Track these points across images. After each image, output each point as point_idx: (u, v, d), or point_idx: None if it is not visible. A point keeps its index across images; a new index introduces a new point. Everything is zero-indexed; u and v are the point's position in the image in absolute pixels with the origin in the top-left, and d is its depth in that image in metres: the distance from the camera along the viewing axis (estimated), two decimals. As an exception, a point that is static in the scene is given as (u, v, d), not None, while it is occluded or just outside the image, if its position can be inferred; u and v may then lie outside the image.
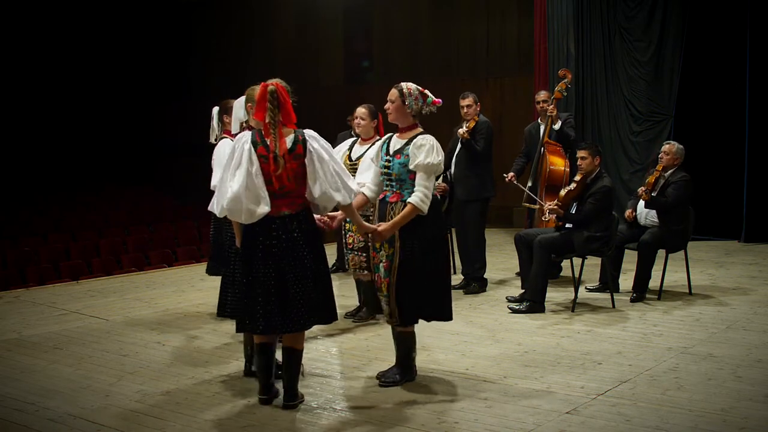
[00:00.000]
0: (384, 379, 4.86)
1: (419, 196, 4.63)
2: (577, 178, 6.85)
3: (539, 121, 8.20)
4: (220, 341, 5.97)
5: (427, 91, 4.81)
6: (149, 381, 5.02)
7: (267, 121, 4.36)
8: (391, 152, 4.80)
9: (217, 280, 7.24)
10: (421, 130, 4.80)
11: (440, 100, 4.82)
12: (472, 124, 7.33)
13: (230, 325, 6.35)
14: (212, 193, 4.75)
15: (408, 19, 14.20)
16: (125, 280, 8.74)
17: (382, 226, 4.67)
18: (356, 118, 6.43)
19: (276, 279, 4.34)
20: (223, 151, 5.45)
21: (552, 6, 10.70)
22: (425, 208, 4.64)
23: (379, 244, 4.74)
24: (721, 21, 9.98)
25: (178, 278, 8.70)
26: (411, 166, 4.67)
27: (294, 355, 4.50)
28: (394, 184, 4.78)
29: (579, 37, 10.61)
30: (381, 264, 4.77)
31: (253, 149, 4.35)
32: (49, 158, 17.53)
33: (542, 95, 8.25)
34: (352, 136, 7.50)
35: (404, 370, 4.88)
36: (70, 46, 17.65)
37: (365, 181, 5.90)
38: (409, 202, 4.64)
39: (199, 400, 4.66)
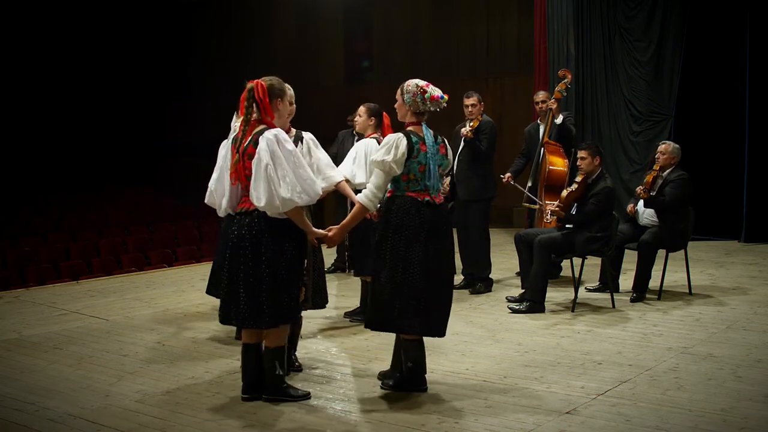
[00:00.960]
0: (384, 381, 4.82)
1: (365, 193, 4.56)
2: (578, 178, 6.85)
3: (539, 121, 8.20)
4: (220, 341, 5.97)
5: (429, 87, 4.62)
6: (149, 381, 5.02)
7: (242, 118, 4.46)
8: None
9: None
10: (411, 129, 4.62)
11: (439, 95, 4.60)
12: (476, 123, 7.32)
13: (229, 326, 6.36)
14: None
15: (408, 19, 14.20)
16: (125, 280, 8.74)
17: (333, 231, 4.64)
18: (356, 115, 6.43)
19: (228, 272, 4.44)
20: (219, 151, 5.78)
21: (552, 6, 10.70)
22: (371, 205, 4.55)
23: None
24: (721, 21, 9.98)
25: (178, 278, 8.70)
26: None
27: (267, 352, 4.52)
28: None
29: (579, 37, 10.60)
30: None
31: (230, 146, 4.51)
32: (49, 158, 17.54)
33: (540, 96, 8.25)
34: (353, 135, 7.53)
35: (403, 379, 4.70)
36: (70, 46, 17.66)
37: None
38: (356, 201, 4.61)
39: (199, 400, 4.66)
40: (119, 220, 13.27)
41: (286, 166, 4.28)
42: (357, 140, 7.38)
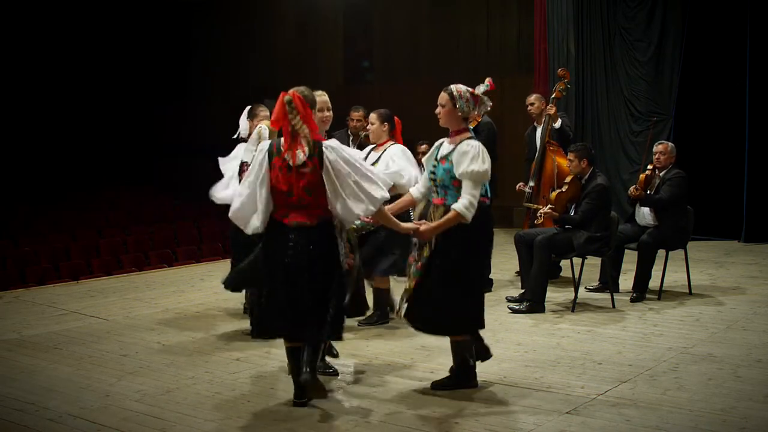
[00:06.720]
0: (436, 384, 4.78)
1: (464, 203, 4.47)
2: (567, 179, 6.87)
3: (535, 124, 8.14)
4: (221, 341, 5.97)
5: (478, 93, 4.69)
6: (149, 381, 5.02)
7: (287, 131, 4.33)
8: (439, 157, 4.68)
9: (215, 281, 7.24)
10: (469, 135, 4.66)
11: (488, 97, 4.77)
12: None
13: (229, 325, 6.36)
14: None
15: (408, 19, 14.19)
16: (125, 280, 8.74)
17: (424, 227, 4.56)
18: (367, 122, 6.36)
19: (290, 290, 4.30)
20: (233, 152, 6.07)
21: (552, 6, 10.72)
22: (469, 216, 4.48)
23: (423, 245, 4.64)
24: (721, 21, 9.99)
25: (178, 278, 8.70)
26: (456, 174, 4.53)
27: (310, 350, 4.39)
28: (438, 189, 4.66)
29: (579, 37, 10.61)
30: (415, 264, 4.68)
31: (267, 160, 4.34)
32: (49, 158, 17.53)
33: (532, 98, 8.10)
34: (348, 135, 7.49)
35: (460, 377, 4.77)
36: (70, 47, 17.65)
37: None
38: (453, 208, 4.51)
39: (199, 400, 4.66)
40: (119, 220, 13.25)
41: (361, 169, 4.31)
42: (352, 140, 7.36)
